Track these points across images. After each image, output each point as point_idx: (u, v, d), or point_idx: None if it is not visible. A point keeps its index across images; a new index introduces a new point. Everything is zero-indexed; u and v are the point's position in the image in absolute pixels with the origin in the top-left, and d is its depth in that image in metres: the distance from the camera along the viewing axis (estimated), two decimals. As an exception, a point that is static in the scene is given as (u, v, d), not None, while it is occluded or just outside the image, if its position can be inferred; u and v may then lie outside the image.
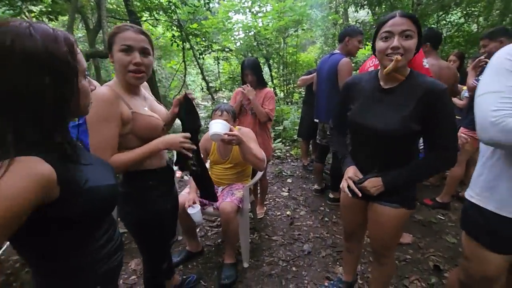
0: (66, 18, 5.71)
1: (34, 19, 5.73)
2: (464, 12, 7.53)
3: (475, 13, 7.69)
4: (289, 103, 7.68)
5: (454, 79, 2.50)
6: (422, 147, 2.08)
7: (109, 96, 1.06)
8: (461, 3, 7.02)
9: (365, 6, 7.48)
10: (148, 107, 1.24)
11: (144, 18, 6.70)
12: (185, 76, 8.40)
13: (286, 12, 7.40)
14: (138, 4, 6.11)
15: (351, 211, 1.49)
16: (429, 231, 2.44)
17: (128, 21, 6.56)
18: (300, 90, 7.81)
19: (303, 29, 8.06)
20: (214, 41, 7.83)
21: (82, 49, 5.96)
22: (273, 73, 8.69)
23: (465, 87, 2.91)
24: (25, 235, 0.63)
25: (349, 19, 9.68)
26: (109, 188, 0.78)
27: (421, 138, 2.04)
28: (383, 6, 7.27)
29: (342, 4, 9.13)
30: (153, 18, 6.44)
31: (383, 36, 1.11)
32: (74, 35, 4.58)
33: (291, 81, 8.32)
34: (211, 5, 6.96)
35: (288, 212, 2.85)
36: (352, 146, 1.40)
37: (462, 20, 7.79)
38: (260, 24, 7.98)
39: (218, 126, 1.61)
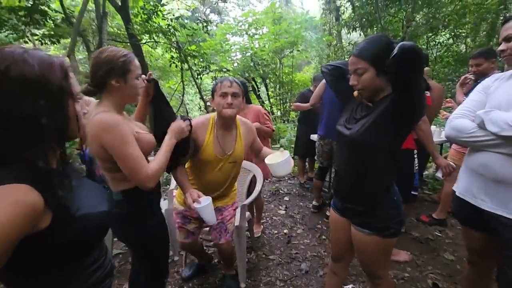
0: (68, 41, 5.88)
1: (37, 42, 5.90)
2: (452, 33, 7.85)
3: (463, 34, 8.01)
4: (286, 121, 7.79)
5: (440, 96, 2.58)
6: (417, 166, 2.12)
7: (118, 119, 1.11)
8: (449, 25, 7.34)
9: (357, 29, 7.80)
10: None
11: (144, 41, 6.91)
12: (183, 95, 8.57)
13: (282, 34, 7.69)
14: (138, 27, 6.33)
15: (338, 231, 1.46)
16: (426, 248, 2.43)
17: (128, 44, 6.77)
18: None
19: (298, 50, 8.33)
20: (212, 61, 8.05)
21: (82, 70, 6.12)
22: (270, 92, 8.88)
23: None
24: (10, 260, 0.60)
25: (343, 41, 10.04)
26: (101, 216, 0.76)
27: (416, 159, 2.12)
28: (374, 28, 7.58)
29: (336, 27, 9.51)
30: (152, 40, 6.64)
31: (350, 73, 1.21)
32: (75, 57, 4.70)
33: (287, 100, 8.49)
34: (209, 28, 7.23)
35: (285, 231, 2.83)
36: (336, 155, 1.47)
37: (451, 41, 8.11)
38: (257, 46, 8.25)
39: (286, 164, 1.51)
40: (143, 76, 1.29)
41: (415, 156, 2.09)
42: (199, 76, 7.45)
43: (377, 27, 7.48)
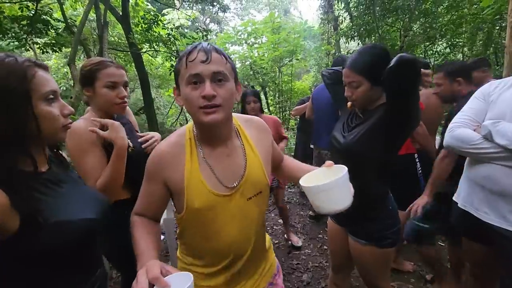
0: (69, 49, 5.93)
1: (38, 51, 5.94)
2: (449, 42, 7.95)
3: (460, 43, 8.12)
4: (286, 129, 7.80)
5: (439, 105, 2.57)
6: (420, 170, 2.10)
7: (81, 127, 1.13)
8: (445, 34, 7.44)
9: (355, 38, 7.89)
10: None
11: (144, 50, 6.97)
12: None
13: (281, 43, 7.77)
14: (139, 37, 6.39)
15: (335, 241, 1.43)
16: (429, 258, 2.39)
17: (129, 53, 6.83)
18: (296, 117, 7.98)
19: (297, 59, 8.41)
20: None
21: (83, 79, 6.13)
22: (269, 101, 8.92)
23: None
24: None
25: (341, 50, 10.15)
26: (83, 223, 0.71)
27: (418, 162, 2.10)
28: (372, 37, 7.66)
29: (334, 36, 9.63)
30: (152, 49, 6.70)
31: (344, 85, 1.22)
32: (76, 65, 4.73)
33: (286, 108, 8.53)
34: (209, 37, 7.31)
35: (289, 243, 2.79)
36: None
37: (448, 50, 8.21)
38: (256, 54, 8.33)
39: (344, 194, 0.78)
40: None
41: (417, 160, 2.07)
42: (199, 85, 7.49)
43: (375, 36, 7.57)
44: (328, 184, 0.73)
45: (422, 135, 1.89)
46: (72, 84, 5.51)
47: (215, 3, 9.27)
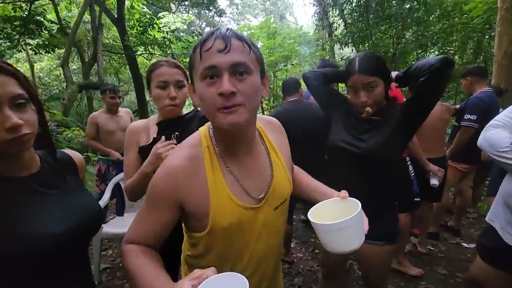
0: (62, 51, 5.89)
1: (30, 52, 5.89)
2: (441, 50, 8.11)
3: (451, 51, 8.29)
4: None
5: (445, 112, 2.60)
6: (413, 173, 2.12)
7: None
8: (437, 42, 7.59)
9: (349, 44, 8.00)
10: None
11: (139, 52, 6.97)
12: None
13: (276, 48, 7.84)
14: (134, 39, 6.39)
15: None
16: (420, 262, 2.41)
17: (123, 55, 6.82)
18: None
19: (292, 64, 8.48)
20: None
21: (76, 80, 6.10)
22: (264, 105, 8.94)
23: None
24: None
25: (335, 56, 10.27)
26: (43, 237, 0.63)
27: (410, 165, 2.13)
28: (366, 44, 7.78)
29: (328, 42, 9.75)
30: (147, 52, 6.69)
31: (351, 90, 1.20)
32: (69, 67, 4.69)
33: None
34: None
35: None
36: (330, 173, 1.37)
37: (440, 57, 8.34)
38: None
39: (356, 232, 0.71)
40: None
41: (409, 163, 2.10)
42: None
43: (369, 43, 7.68)
44: (342, 223, 0.64)
45: (414, 142, 1.93)
46: (65, 86, 5.47)
47: (211, 8, 9.32)
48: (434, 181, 1.92)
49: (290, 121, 0.86)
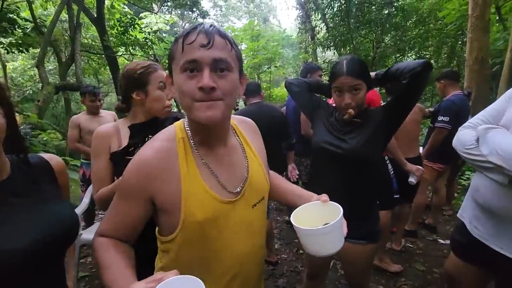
0: (37, 50, 5.65)
1: (3, 51, 5.60)
2: (418, 55, 8.46)
3: (427, 56, 8.65)
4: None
5: (418, 112, 2.69)
6: (392, 171, 2.20)
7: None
8: (414, 47, 7.91)
9: (331, 48, 8.18)
10: None
11: (119, 53, 6.80)
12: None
13: (260, 50, 7.90)
14: (114, 39, 6.23)
15: None
16: (399, 259, 2.49)
17: (102, 56, 6.63)
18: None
19: (276, 66, 8.57)
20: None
21: (52, 81, 5.86)
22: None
23: None
24: None
25: (318, 59, 10.46)
26: (6, 254, 0.60)
27: (389, 164, 2.22)
28: (348, 48, 7.99)
29: (311, 45, 9.92)
30: (129, 53, 6.54)
31: (335, 91, 1.23)
32: (45, 67, 4.51)
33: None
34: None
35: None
36: (315, 173, 1.41)
37: (416, 61, 8.70)
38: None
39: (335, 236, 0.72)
40: None
41: (388, 162, 2.18)
42: (176, 90, 7.40)
43: (350, 47, 7.89)
44: (326, 228, 0.67)
45: (392, 143, 1.97)
46: (40, 87, 5.24)
47: (194, 9, 9.25)
48: (412, 179, 1.98)
49: (255, 122, 0.88)
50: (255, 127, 0.89)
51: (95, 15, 6.08)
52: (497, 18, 7.34)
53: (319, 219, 0.72)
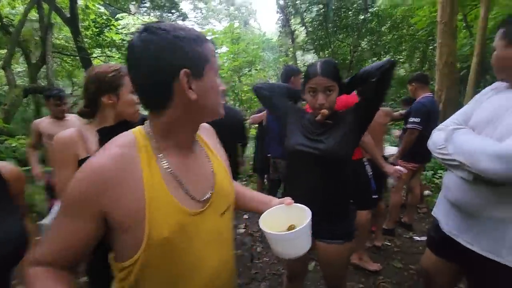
0: (4, 51, 5.33)
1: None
2: (393, 59, 8.77)
3: (401, 60, 9.03)
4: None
5: (384, 116, 2.78)
6: (371, 172, 2.24)
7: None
8: (389, 51, 8.22)
9: (310, 51, 8.34)
10: None
11: (95, 55, 6.56)
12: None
13: (240, 53, 7.89)
14: (89, 41, 6.01)
15: None
16: (378, 257, 2.55)
17: (77, 57, 6.37)
18: (256, 126, 8.08)
19: (256, 69, 8.60)
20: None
21: (21, 84, 5.54)
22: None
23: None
24: None
25: (298, 62, 10.62)
26: None
27: (368, 165, 2.25)
28: (326, 51, 8.17)
29: (291, 49, 10.06)
30: (104, 55, 6.33)
31: (310, 91, 1.25)
32: (12, 69, 4.26)
33: (246, 118, 8.60)
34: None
35: (245, 253, 2.77)
36: (291, 177, 1.40)
37: (391, 65, 9.06)
38: (216, 64, 8.33)
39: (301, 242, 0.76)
40: None
41: (366, 163, 2.23)
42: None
43: (328, 50, 8.08)
44: (296, 232, 0.70)
45: (368, 143, 2.02)
46: (7, 90, 4.95)
47: (173, 11, 9.12)
48: (392, 180, 2.01)
49: (219, 124, 0.88)
50: (213, 131, 0.88)
51: (68, 15, 5.84)
52: (464, 25, 7.80)
53: (286, 222, 0.76)
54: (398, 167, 2.05)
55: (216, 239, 0.69)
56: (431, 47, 8.00)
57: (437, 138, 1.16)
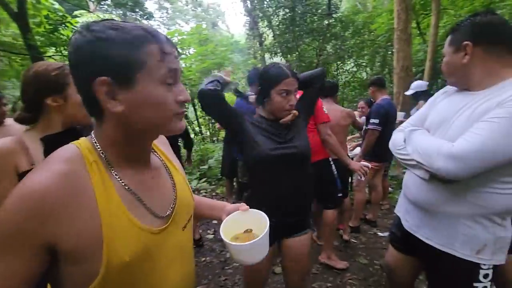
0: None
1: None
2: (356, 63, 9.22)
3: (363, 64, 9.49)
4: (215, 141, 7.74)
5: (346, 118, 2.87)
6: (336, 171, 2.28)
7: None
8: (352, 55, 8.59)
9: (278, 54, 8.46)
10: None
11: (49, 53, 6.06)
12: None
13: (208, 55, 7.77)
14: (42, 39, 5.54)
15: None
16: (345, 255, 2.62)
17: (27, 56, 5.84)
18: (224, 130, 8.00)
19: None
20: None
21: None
22: (198, 113, 8.75)
23: None
24: None
25: (266, 64, 10.73)
26: None
27: (333, 165, 2.27)
28: (294, 54, 8.34)
29: (260, 52, 10.12)
30: (60, 54, 5.88)
31: (281, 93, 1.26)
32: None
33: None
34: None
35: (214, 260, 2.69)
36: (259, 186, 1.35)
37: (355, 69, 9.51)
38: (183, 65, 8.12)
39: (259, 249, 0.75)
40: None
41: (331, 163, 2.28)
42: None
43: (296, 54, 8.25)
44: (257, 241, 0.70)
45: (333, 144, 2.07)
46: None
47: (137, 10, 8.75)
48: (359, 177, 2.09)
49: None
50: (165, 138, 0.80)
51: (16, 10, 5.33)
52: (418, 32, 8.41)
53: (245, 226, 0.79)
54: (363, 162, 2.11)
55: (179, 254, 0.65)
56: (390, 52, 8.51)
57: (397, 139, 1.21)
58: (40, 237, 0.47)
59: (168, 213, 0.63)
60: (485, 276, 0.99)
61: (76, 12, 8.25)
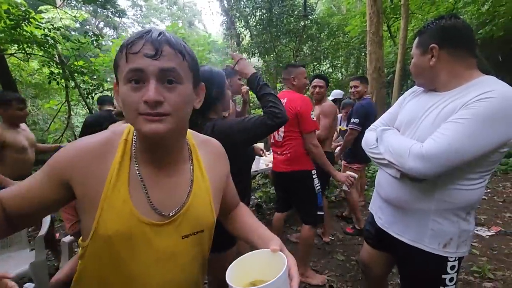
0: None
1: None
2: (331, 64, 9.46)
3: (339, 65, 9.75)
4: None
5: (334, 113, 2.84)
6: (318, 186, 2.11)
7: None
8: (327, 56, 8.81)
9: (256, 54, 8.47)
10: None
11: (11, 51, 5.67)
12: (69, 117, 7.31)
13: (185, 55, 7.64)
14: (2, 35, 5.16)
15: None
16: (323, 253, 2.67)
17: (-14, 53, 5.41)
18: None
19: (202, 71, 8.42)
20: (107, 79, 7.24)
21: None
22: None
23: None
24: None
25: (244, 64, 10.73)
26: None
27: (316, 178, 2.08)
28: (271, 55, 8.39)
29: (237, 52, 10.11)
30: (23, 51, 5.50)
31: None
32: None
33: (194, 120, 8.38)
34: (103, 42, 6.53)
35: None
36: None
37: (331, 69, 9.75)
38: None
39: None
40: None
41: (314, 176, 2.10)
42: (89, 96, 6.54)
43: (273, 54, 8.31)
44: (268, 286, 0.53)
45: (317, 154, 2.01)
46: None
47: (108, 6, 8.40)
48: (344, 187, 2.00)
49: None
50: (219, 150, 0.79)
51: (-28, 4, 4.93)
52: (389, 35, 8.78)
53: (260, 270, 0.63)
54: (348, 172, 1.98)
55: (169, 260, 0.63)
56: (363, 54, 8.81)
57: (369, 138, 1.24)
58: (62, 175, 0.60)
59: (170, 214, 0.63)
60: (452, 267, 1.04)
61: (41, 8, 7.78)
